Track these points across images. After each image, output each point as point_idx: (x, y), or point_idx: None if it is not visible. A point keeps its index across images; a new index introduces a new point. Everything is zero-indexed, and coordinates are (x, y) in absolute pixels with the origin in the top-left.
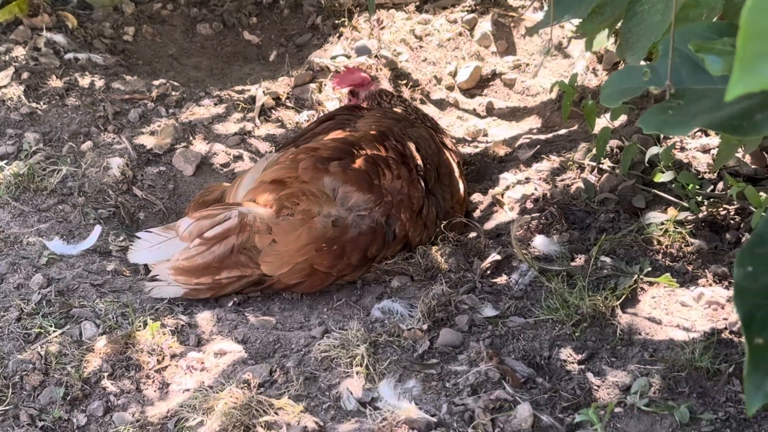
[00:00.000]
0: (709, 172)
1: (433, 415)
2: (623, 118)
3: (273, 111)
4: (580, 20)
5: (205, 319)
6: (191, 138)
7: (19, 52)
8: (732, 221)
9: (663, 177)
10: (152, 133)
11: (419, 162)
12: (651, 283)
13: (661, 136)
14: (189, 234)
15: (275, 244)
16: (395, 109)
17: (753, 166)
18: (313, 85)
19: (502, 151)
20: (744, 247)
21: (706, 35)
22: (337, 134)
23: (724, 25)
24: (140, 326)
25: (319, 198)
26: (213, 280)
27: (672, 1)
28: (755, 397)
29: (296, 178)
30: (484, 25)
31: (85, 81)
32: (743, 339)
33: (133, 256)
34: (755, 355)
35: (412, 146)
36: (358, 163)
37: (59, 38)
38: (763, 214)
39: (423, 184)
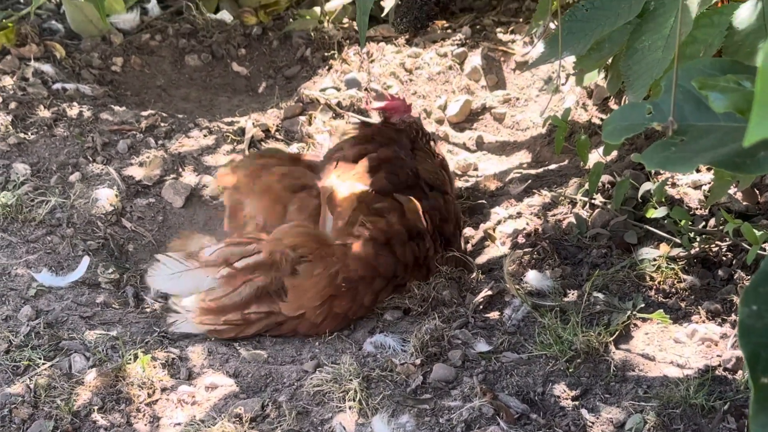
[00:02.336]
0: (700, 209)
1: None
2: (614, 153)
3: (263, 143)
4: (577, 57)
5: (195, 352)
6: (181, 169)
7: (7, 81)
8: (724, 257)
9: (656, 213)
10: (141, 165)
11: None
12: (644, 320)
13: (653, 171)
14: (216, 257)
15: (298, 286)
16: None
17: (744, 203)
18: (302, 118)
19: (493, 186)
20: (749, 285)
21: (708, 72)
22: (390, 185)
23: (727, 62)
24: (130, 359)
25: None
26: (242, 315)
27: (672, 38)
28: None
29: (315, 249)
30: (474, 59)
31: (73, 111)
32: (737, 376)
33: (152, 281)
34: (761, 395)
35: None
36: (399, 252)
37: (47, 68)
38: (761, 250)
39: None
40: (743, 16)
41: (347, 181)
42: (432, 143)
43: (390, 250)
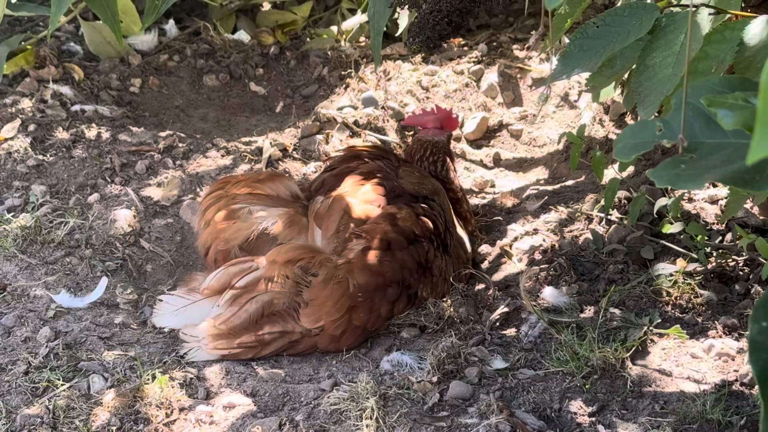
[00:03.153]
0: (717, 223)
1: None
2: (630, 168)
3: (280, 162)
4: (590, 73)
5: (213, 371)
6: (199, 190)
7: (26, 104)
8: (741, 272)
9: (672, 228)
10: (159, 185)
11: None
12: (661, 335)
13: (669, 187)
14: (218, 281)
15: (315, 298)
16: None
17: (761, 217)
18: (320, 137)
19: (509, 202)
20: (758, 301)
21: (717, 89)
22: (378, 196)
23: (736, 79)
24: (149, 379)
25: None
26: (255, 336)
27: (683, 55)
28: None
29: (312, 258)
30: (491, 76)
31: (91, 133)
32: (754, 391)
33: (157, 320)
34: None
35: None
36: (400, 257)
37: (66, 90)
38: None
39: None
40: (754, 32)
41: (334, 196)
42: (448, 160)
43: (392, 255)
